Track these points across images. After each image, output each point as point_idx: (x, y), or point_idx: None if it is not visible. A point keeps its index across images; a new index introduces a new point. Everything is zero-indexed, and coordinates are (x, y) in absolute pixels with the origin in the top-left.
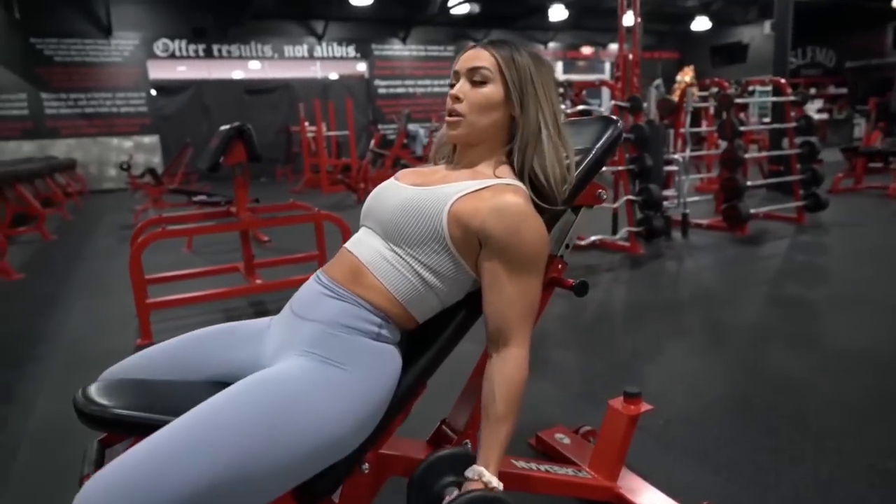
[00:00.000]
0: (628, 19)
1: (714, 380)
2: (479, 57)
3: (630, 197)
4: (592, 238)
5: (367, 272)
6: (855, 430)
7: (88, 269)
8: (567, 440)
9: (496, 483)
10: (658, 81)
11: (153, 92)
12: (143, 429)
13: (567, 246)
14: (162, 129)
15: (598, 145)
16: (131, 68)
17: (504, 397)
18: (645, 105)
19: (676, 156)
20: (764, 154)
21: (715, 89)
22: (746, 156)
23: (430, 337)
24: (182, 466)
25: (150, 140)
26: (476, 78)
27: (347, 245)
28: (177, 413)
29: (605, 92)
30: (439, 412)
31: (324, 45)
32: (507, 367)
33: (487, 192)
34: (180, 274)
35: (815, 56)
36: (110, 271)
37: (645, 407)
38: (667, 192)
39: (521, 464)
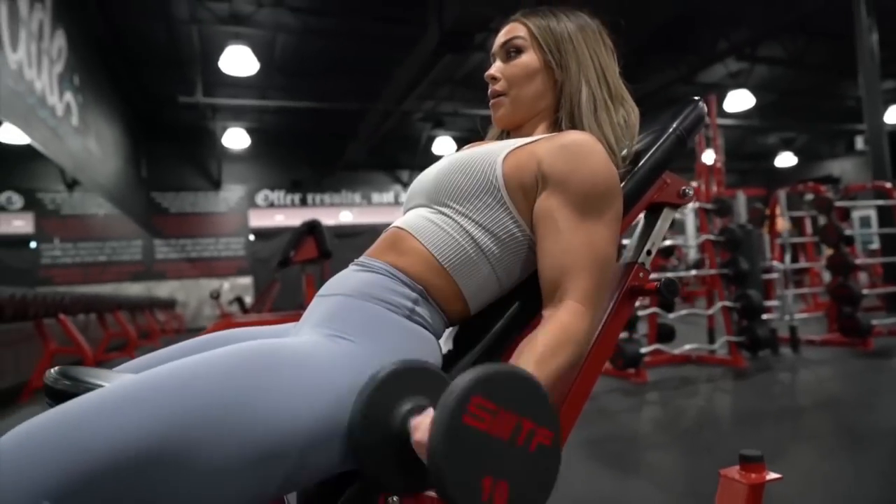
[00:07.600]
0: (708, 157)
1: (860, 483)
2: (509, 30)
3: (726, 303)
4: (686, 347)
5: (408, 235)
6: None
7: None
8: None
9: None
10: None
11: (251, 237)
12: None
13: (649, 253)
14: (256, 271)
15: (676, 122)
16: (235, 216)
17: (549, 337)
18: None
19: (776, 263)
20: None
21: (810, 195)
22: (858, 262)
23: (484, 328)
24: (98, 425)
25: (245, 281)
26: (510, 51)
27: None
28: None
29: (690, 222)
30: None
31: None
32: (562, 313)
33: (545, 139)
34: None
35: None
36: None
37: (771, 475)
38: (767, 304)
39: None
